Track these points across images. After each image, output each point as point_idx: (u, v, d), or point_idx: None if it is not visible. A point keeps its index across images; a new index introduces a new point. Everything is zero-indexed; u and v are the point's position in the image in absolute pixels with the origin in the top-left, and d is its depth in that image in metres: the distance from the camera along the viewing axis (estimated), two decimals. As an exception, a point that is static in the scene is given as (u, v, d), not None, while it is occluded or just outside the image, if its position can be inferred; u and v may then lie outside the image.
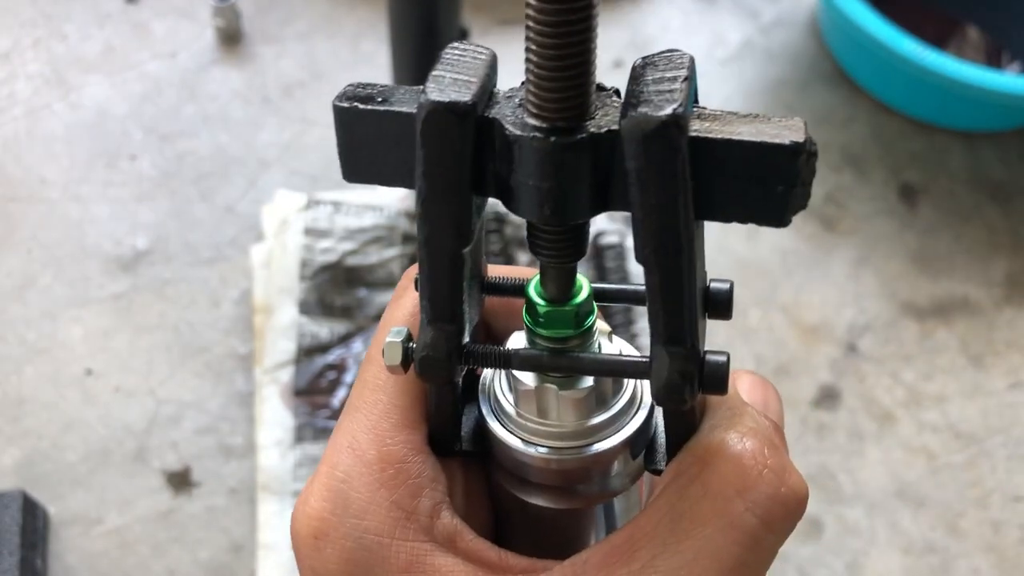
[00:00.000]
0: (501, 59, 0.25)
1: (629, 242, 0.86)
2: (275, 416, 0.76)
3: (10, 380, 0.78)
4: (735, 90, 0.97)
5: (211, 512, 0.74)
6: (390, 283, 0.82)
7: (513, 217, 0.86)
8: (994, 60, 1.00)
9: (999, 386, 0.82)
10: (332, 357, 0.79)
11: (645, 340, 0.27)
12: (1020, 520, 0.76)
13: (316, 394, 0.77)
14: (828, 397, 0.80)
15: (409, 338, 0.27)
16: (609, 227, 0.84)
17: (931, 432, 0.79)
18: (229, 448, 0.76)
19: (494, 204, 0.26)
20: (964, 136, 0.95)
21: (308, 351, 0.79)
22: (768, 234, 0.88)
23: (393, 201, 0.85)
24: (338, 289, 0.81)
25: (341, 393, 0.77)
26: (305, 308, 0.80)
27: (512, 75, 0.24)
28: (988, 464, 0.78)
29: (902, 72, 0.86)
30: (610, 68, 0.93)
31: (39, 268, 0.84)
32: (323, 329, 0.80)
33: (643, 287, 0.25)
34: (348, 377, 0.78)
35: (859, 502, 0.76)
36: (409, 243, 0.84)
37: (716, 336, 0.82)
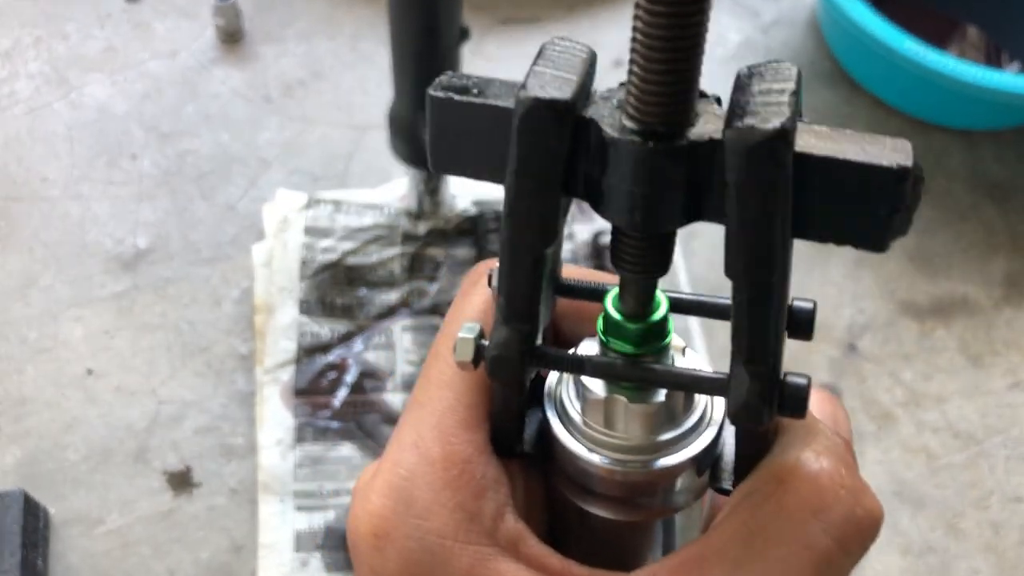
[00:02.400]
0: (502, 59, 0.25)
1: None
2: (276, 416, 0.76)
3: (11, 379, 0.78)
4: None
5: (212, 512, 0.74)
6: (390, 282, 0.82)
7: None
8: (994, 60, 1.00)
9: (998, 386, 0.82)
10: (333, 357, 0.79)
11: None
12: (1020, 520, 0.76)
13: (317, 394, 0.77)
14: (828, 397, 0.80)
15: (481, 335, 0.26)
16: (609, 227, 0.84)
17: (930, 432, 0.80)
18: (230, 448, 0.76)
19: (498, 201, 0.25)
20: (963, 135, 0.95)
21: (309, 351, 0.79)
22: (768, 234, 0.88)
23: (394, 200, 0.86)
24: (339, 288, 0.82)
25: (342, 393, 0.78)
26: (306, 307, 0.80)
27: (515, 76, 0.24)
28: (988, 464, 0.78)
29: (902, 72, 0.86)
30: (610, 67, 0.93)
31: (40, 267, 0.84)
32: (324, 329, 0.80)
33: (722, 300, 0.25)
34: (348, 377, 0.78)
35: (858, 502, 0.76)
36: (409, 242, 0.84)
37: (717, 335, 0.82)
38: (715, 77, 1.12)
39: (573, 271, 0.29)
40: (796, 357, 0.82)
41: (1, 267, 0.84)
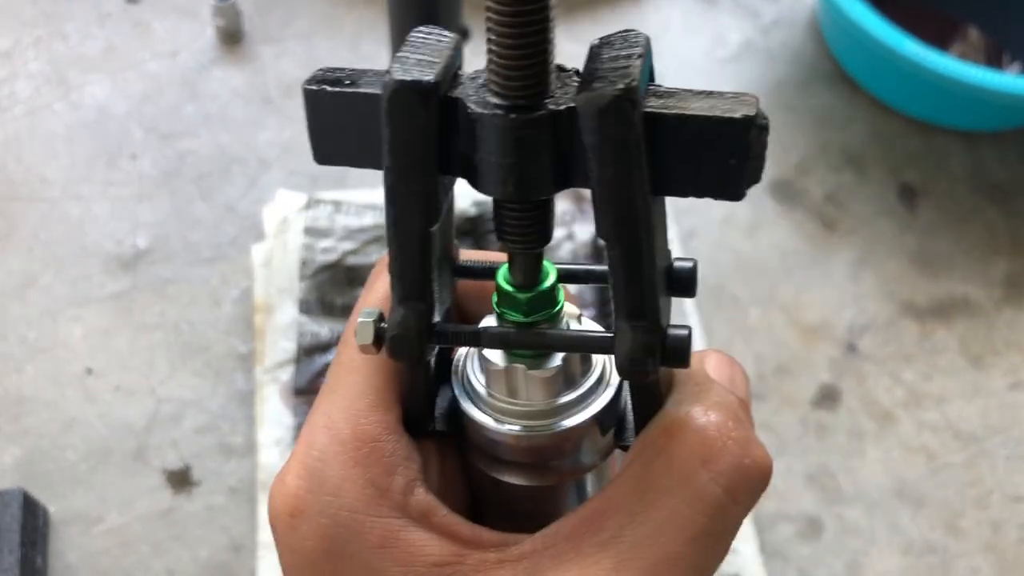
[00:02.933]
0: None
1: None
2: (275, 415, 0.76)
3: (10, 379, 0.78)
4: (735, 90, 0.97)
5: (211, 511, 0.74)
6: (390, 282, 0.82)
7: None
8: (994, 60, 1.00)
9: (999, 386, 0.82)
10: (332, 356, 0.79)
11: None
12: (1020, 520, 0.76)
13: (316, 393, 0.77)
14: (828, 397, 0.80)
15: (381, 318, 0.27)
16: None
17: (931, 432, 0.80)
18: (229, 447, 0.76)
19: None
20: (964, 136, 0.95)
21: (308, 350, 0.79)
22: (768, 233, 0.88)
23: (393, 201, 0.85)
24: (338, 288, 0.82)
25: (341, 392, 0.77)
26: (305, 307, 0.80)
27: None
28: (988, 464, 0.78)
29: (902, 72, 0.86)
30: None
31: (40, 267, 0.84)
32: (323, 328, 0.80)
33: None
34: (348, 376, 0.78)
35: (859, 502, 0.76)
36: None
37: (716, 337, 0.82)
38: (716, 77, 1.12)
39: (470, 253, 0.31)
40: (796, 357, 0.82)
41: (1, 267, 0.84)
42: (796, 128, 0.95)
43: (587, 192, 0.24)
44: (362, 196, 0.86)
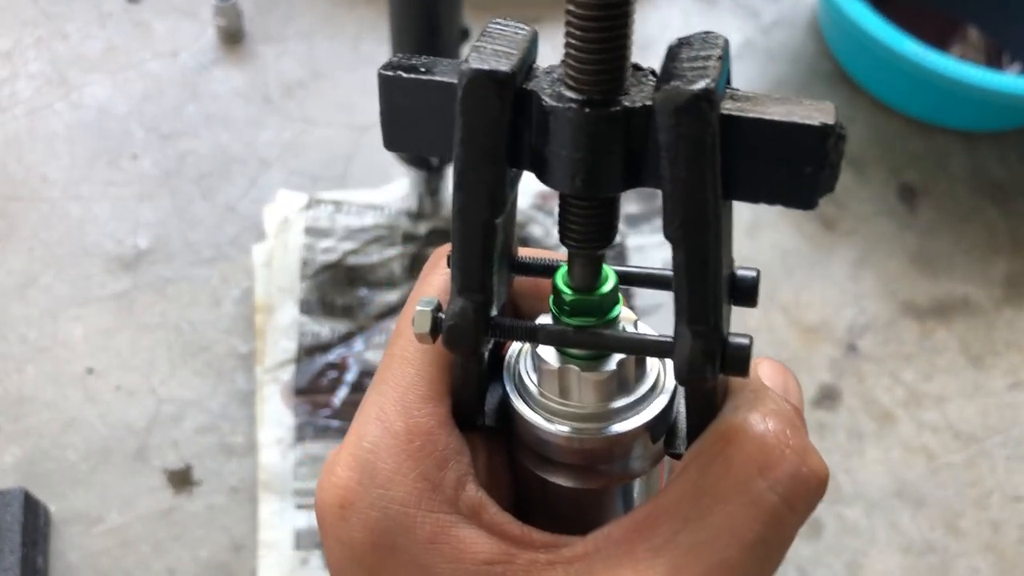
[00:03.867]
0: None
1: (630, 241, 0.86)
2: (276, 415, 0.76)
3: (11, 379, 0.79)
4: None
5: (212, 511, 0.74)
6: (391, 282, 0.82)
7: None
8: (994, 60, 1.00)
9: (999, 386, 0.82)
10: (333, 356, 0.79)
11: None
12: (1019, 520, 0.76)
13: (317, 393, 0.77)
14: (828, 397, 0.81)
15: (439, 308, 0.27)
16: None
17: (931, 432, 0.80)
18: (230, 447, 0.76)
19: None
20: (964, 136, 0.95)
21: (309, 350, 0.79)
22: (768, 233, 0.88)
23: (394, 200, 0.86)
24: (339, 288, 0.82)
25: (342, 392, 0.78)
26: (306, 307, 0.80)
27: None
28: (987, 464, 0.78)
29: (902, 72, 0.86)
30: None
31: (40, 267, 0.84)
32: (324, 328, 0.80)
33: (669, 271, 0.26)
34: (349, 376, 0.78)
35: (859, 502, 0.76)
36: (410, 243, 0.84)
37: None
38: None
39: (529, 251, 0.30)
40: (797, 356, 0.82)
41: (1, 267, 0.84)
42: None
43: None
44: (363, 196, 0.86)
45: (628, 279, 0.29)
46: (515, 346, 0.31)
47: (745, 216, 0.89)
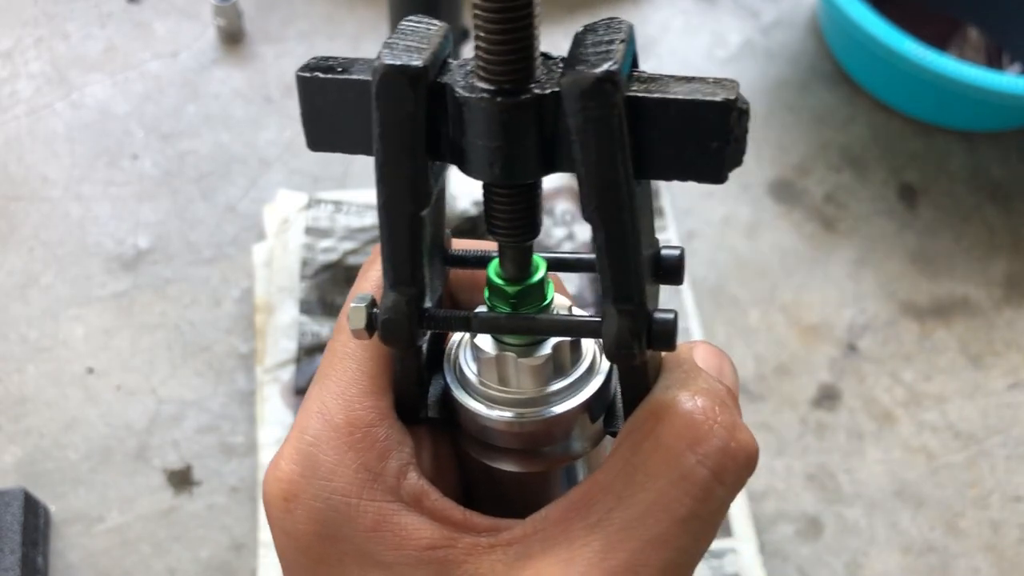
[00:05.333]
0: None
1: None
2: (276, 415, 0.76)
3: (11, 378, 0.79)
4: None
5: (212, 511, 0.74)
6: (391, 282, 0.82)
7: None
8: (994, 60, 1.01)
9: (999, 386, 0.82)
10: (333, 356, 0.79)
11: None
12: (1019, 520, 0.76)
13: (317, 393, 0.77)
14: (828, 397, 0.81)
15: (373, 304, 0.28)
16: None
17: (930, 432, 0.80)
18: (230, 447, 0.76)
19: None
20: (964, 136, 0.95)
21: (309, 350, 0.79)
22: (768, 233, 0.88)
23: (394, 200, 0.86)
24: (339, 288, 0.82)
25: (342, 392, 0.78)
26: (306, 307, 0.80)
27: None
28: (987, 464, 0.78)
29: (902, 72, 0.86)
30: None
31: (40, 267, 0.84)
32: (324, 328, 0.80)
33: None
34: (349, 376, 0.78)
35: (858, 502, 0.76)
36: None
37: (716, 336, 0.82)
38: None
39: (462, 242, 0.31)
40: (796, 357, 0.82)
41: (1, 266, 0.84)
42: (796, 128, 0.96)
43: None
44: (362, 196, 0.86)
45: (559, 265, 0.30)
46: (455, 338, 0.31)
47: (745, 216, 0.89)
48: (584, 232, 0.86)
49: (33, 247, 0.85)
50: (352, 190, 0.87)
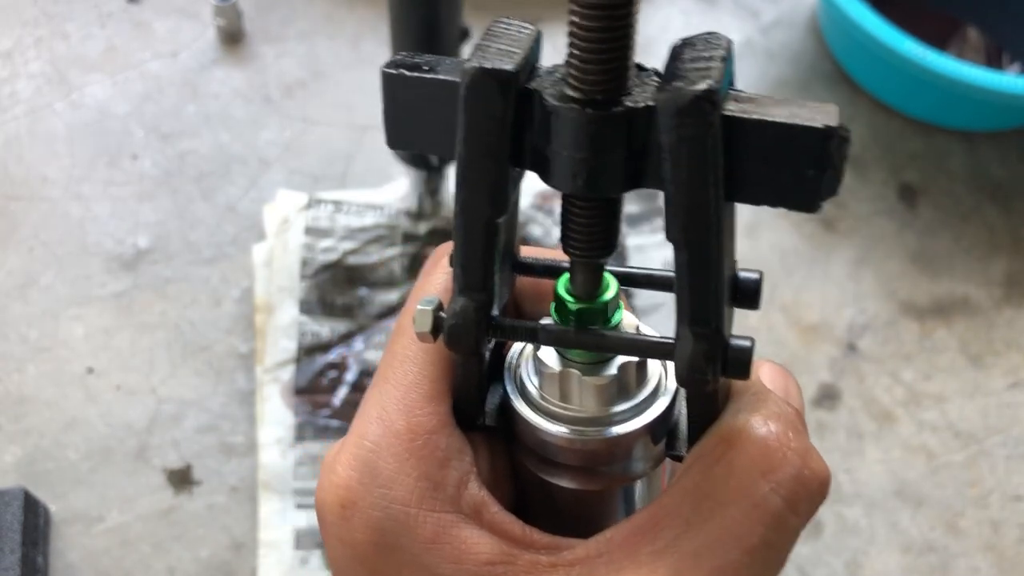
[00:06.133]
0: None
1: (630, 241, 0.86)
2: (276, 415, 0.76)
3: (11, 378, 0.79)
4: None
5: (212, 510, 0.74)
6: (391, 282, 0.82)
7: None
8: (994, 60, 1.01)
9: (998, 386, 0.82)
10: (333, 356, 0.79)
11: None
12: (1019, 519, 0.76)
13: (317, 393, 0.77)
14: (828, 396, 0.81)
15: (440, 307, 0.27)
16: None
17: (930, 431, 0.80)
18: (230, 447, 0.76)
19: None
20: (964, 136, 0.95)
21: (309, 350, 0.79)
22: (768, 233, 0.88)
23: (394, 200, 0.86)
24: (339, 288, 0.82)
25: (342, 392, 0.78)
26: (306, 307, 0.80)
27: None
28: (987, 463, 0.78)
29: (902, 72, 0.86)
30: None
31: (40, 267, 0.84)
32: (324, 328, 0.80)
33: (670, 272, 0.25)
34: (349, 376, 0.78)
35: (858, 501, 0.76)
36: (410, 242, 0.84)
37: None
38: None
39: (531, 250, 0.30)
40: (796, 356, 0.82)
41: (1, 266, 0.84)
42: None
43: None
44: (363, 196, 0.86)
45: (629, 280, 0.29)
46: (516, 346, 0.31)
47: (745, 216, 0.89)
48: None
49: (33, 247, 0.85)
50: (352, 190, 0.87)
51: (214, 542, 0.73)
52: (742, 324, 0.87)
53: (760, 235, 0.88)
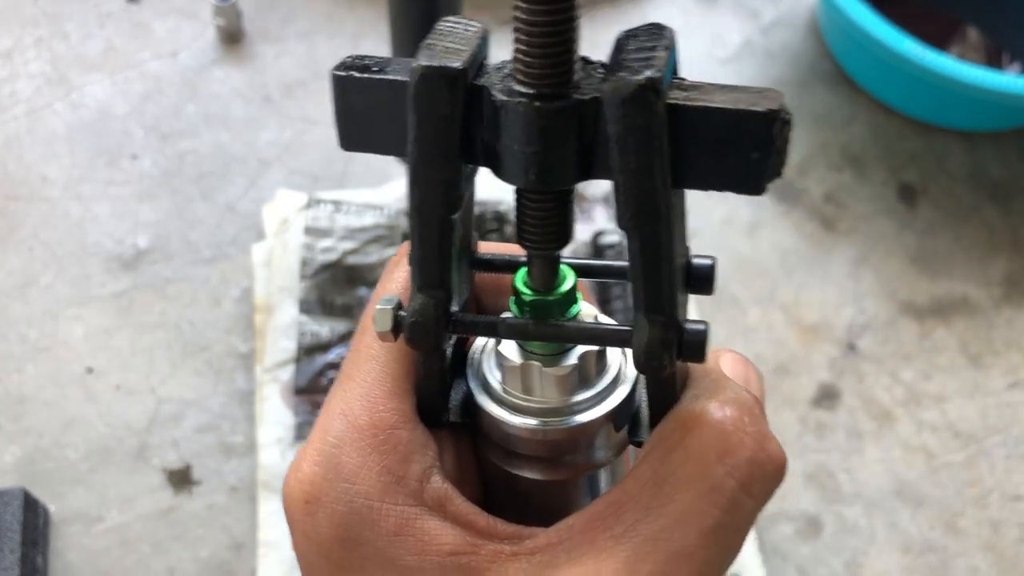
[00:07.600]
0: (502, 59, 0.25)
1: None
2: (276, 414, 0.76)
3: (11, 378, 0.79)
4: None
5: (212, 510, 0.74)
6: (390, 282, 0.82)
7: (514, 218, 0.86)
8: (994, 60, 1.01)
9: (998, 386, 0.82)
10: (333, 356, 0.79)
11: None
12: (1019, 519, 0.76)
13: (317, 392, 0.77)
14: (827, 396, 0.81)
15: (400, 306, 0.28)
16: (608, 226, 0.85)
17: (930, 431, 0.80)
18: (230, 446, 0.76)
19: (495, 203, 0.26)
20: (964, 136, 0.95)
21: (309, 350, 0.79)
22: (768, 233, 0.88)
23: (393, 200, 0.86)
24: (339, 288, 0.82)
25: (341, 392, 0.78)
26: (306, 307, 0.80)
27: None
28: (987, 463, 0.78)
29: (902, 72, 0.86)
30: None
31: (40, 267, 0.84)
32: (323, 328, 0.80)
33: (625, 263, 0.26)
34: (348, 376, 0.78)
35: (858, 501, 0.76)
36: (409, 242, 0.84)
37: (716, 336, 0.82)
38: (716, 78, 1.12)
39: (489, 245, 0.31)
40: (796, 356, 0.82)
41: (1, 266, 0.84)
42: (796, 128, 0.95)
43: (587, 192, 0.24)
44: (362, 196, 0.86)
45: (586, 271, 0.30)
46: (478, 342, 0.31)
47: (745, 216, 0.89)
48: (583, 232, 0.86)
49: (33, 247, 0.85)
50: (351, 190, 0.87)
51: (214, 542, 0.73)
52: (741, 324, 0.86)
53: (760, 235, 0.88)
